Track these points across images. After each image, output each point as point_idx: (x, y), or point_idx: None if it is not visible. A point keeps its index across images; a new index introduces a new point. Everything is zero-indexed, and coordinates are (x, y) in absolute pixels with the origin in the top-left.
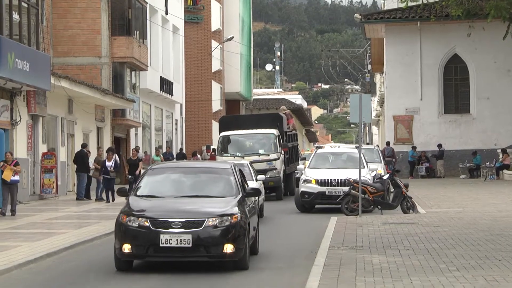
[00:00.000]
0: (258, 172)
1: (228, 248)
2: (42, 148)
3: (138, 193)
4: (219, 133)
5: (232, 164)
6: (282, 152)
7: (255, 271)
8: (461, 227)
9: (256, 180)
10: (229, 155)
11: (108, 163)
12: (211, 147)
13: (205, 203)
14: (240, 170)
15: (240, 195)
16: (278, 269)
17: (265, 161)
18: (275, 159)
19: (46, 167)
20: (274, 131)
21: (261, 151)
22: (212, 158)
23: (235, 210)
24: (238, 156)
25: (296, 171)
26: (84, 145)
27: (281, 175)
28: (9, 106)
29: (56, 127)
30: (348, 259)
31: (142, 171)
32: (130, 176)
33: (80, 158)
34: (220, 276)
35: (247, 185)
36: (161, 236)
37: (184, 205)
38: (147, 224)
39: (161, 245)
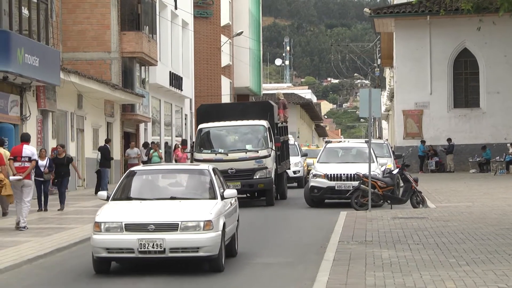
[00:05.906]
0: (244, 173)
1: None
2: (52, 143)
3: None
4: (197, 125)
5: None
6: (274, 148)
7: (265, 266)
8: (471, 221)
9: (223, 197)
10: (209, 152)
11: (41, 162)
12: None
13: None
14: None
15: None
16: (288, 264)
17: (253, 158)
18: (265, 157)
19: None
20: (264, 123)
21: (248, 147)
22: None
23: None
24: (220, 153)
25: (296, 171)
26: (107, 141)
27: (273, 175)
28: (18, 102)
29: (65, 122)
30: (358, 254)
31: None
32: (56, 180)
33: (104, 153)
34: (229, 271)
35: None
36: None
37: None
38: None
39: None
